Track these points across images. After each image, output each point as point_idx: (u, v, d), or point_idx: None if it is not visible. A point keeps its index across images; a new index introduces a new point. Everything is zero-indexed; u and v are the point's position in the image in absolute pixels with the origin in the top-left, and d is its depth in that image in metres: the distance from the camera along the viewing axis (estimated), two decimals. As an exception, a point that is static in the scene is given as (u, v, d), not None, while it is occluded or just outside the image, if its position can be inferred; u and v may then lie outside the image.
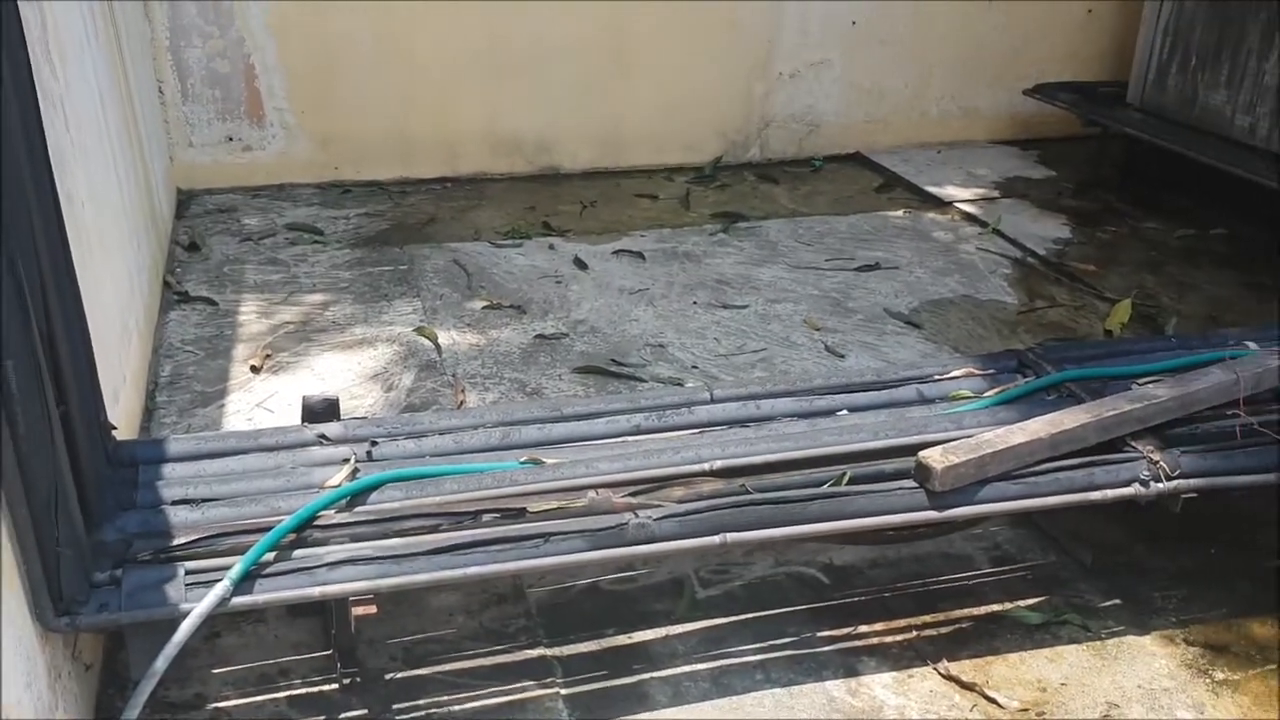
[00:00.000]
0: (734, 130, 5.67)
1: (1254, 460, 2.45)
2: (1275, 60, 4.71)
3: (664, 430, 2.53)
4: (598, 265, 4.37)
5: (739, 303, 4.07)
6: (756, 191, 5.35)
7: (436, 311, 3.93)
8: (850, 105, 5.78)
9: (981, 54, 5.84)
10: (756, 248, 4.61)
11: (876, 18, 5.61)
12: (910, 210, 5.08)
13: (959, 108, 5.96)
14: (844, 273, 4.37)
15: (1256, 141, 4.81)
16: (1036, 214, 5.02)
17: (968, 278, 4.34)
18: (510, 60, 5.17)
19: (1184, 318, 3.98)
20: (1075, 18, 5.91)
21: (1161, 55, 5.29)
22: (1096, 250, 4.64)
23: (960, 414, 2.57)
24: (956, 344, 3.78)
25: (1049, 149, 5.91)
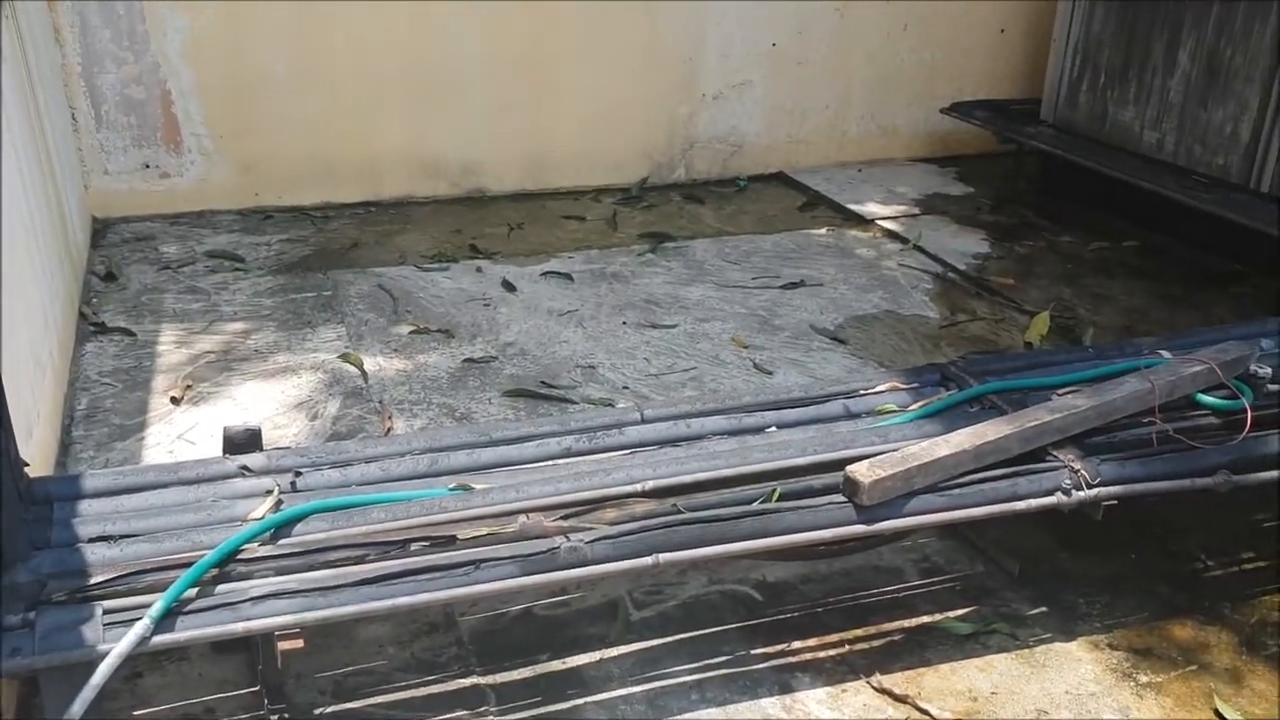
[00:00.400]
0: (659, 151, 5.70)
1: (1170, 467, 2.51)
2: (1179, 78, 4.87)
3: (595, 452, 2.52)
4: (526, 287, 4.36)
5: (668, 322, 4.09)
6: (683, 211, 5.38)
7: (362, 337, 3.88)
8: (773, 125, 5.86)
9: (899, 74, 5.96)
10: (684, 267, 4.64)
11: (796, 40, 5.70)
12: (833, 228, 5.15)
13: (878, 127, 6.06)
14: (770, 291, 4.41)
15: (1164, 156, 4.97)
16: (956, 230, 5.12)
17: (891, 293, 4.41)
18: (434, 83, 5.15)
19: (1100, 328, 4.08)
20: (989, 38, 6.06)
21: (1072, 74, 5.45)
22: (1015, 264, 4.75)
23: (886, 428, 2.60)
24: (881, 359, 3.83)
25: (967, 166, 6.04)
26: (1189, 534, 2.89)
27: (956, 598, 2.64)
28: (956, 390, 2.79)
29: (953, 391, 2.78)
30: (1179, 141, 4.91)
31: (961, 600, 2.63)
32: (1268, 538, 2.90)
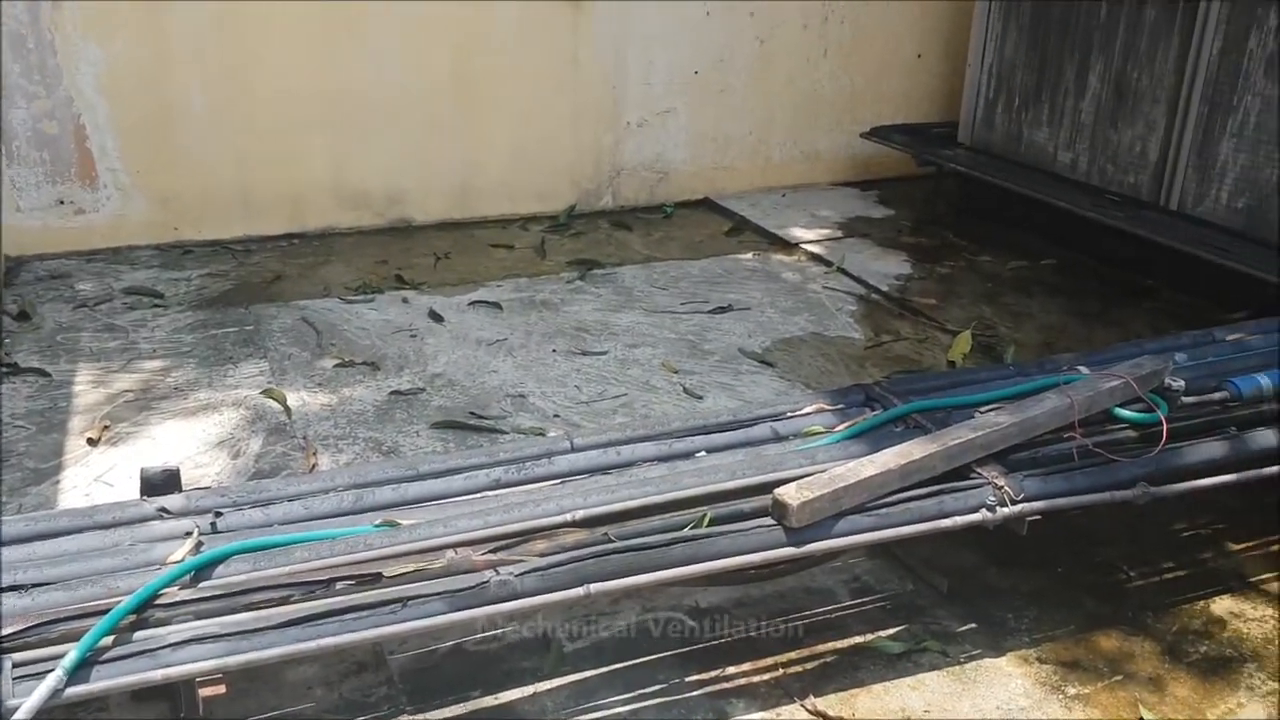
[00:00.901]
0: (586, 179, 5.71)
1: (1090, 480, 2.56)
2: (1089, 100, 5.02)
3: (524, 483, 2.50)
4: (454, 317, 4.33)
5: (598, 349, 4.08)
6: (611, 238, 5.39)
7: (285, 372, 3.82)
8: (698, 152, 5.91)
9: (819, 100, 6.06)
10: (613, 294, 4.64)
11: (718, 67, 5.76)
12: (759, 252, 5.20)
13: (801, 152, 6.15)
14: (699, 315, 4.43)
15: (1078, 175, 5.11)
16: (878, 252, 5.20)
17: (816, 316, 4.46)
18: (357, 112, 5.11)
19: (1021, 346, 4.16)
20: (906, 63, 6.19)
21: (988, 96, 5.58)
22: (936, 284, 4.83)
23: (814, 449, 2.62)
24: (809, 380, 3.86)
25: (888, 189, 6.15)
26: (1112, 545, 2.95)
27: (887, 617, 2.66)
28: (881, 410, 2.82)
29: (878, 412, 2.81)
30: (1091, 161, 5.05)
31: (892, 619, 2.64)
32: (1187, 547, 2.97)
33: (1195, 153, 4.55)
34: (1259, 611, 2.71)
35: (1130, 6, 4.76)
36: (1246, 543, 2.97)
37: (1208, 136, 4.49)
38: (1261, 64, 4.25)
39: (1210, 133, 4.47)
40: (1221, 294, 4.31)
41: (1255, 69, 4.28)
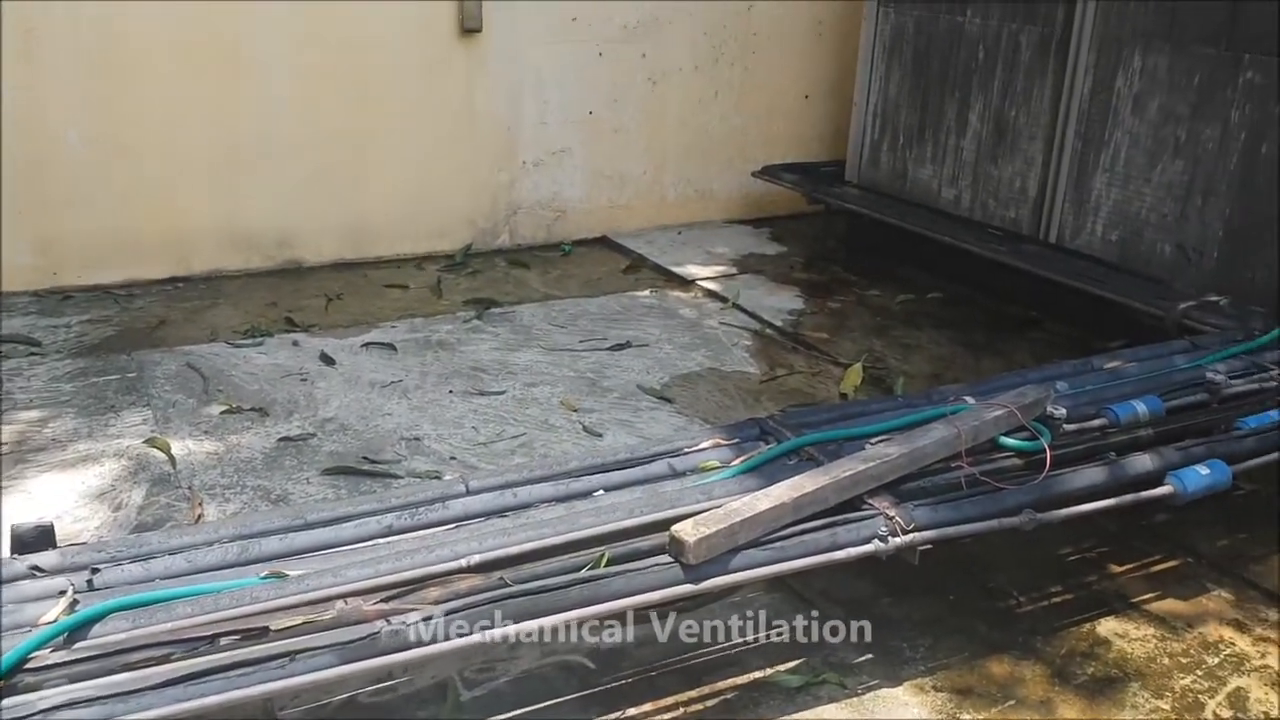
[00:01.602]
0: (483, 217, 5.69)
1: (979, 508, 2.62)
2: (970, 138, 5.20)
3: (418, 529, 2.45)
4: (346, 360, 4.25)
5: (496, 389, 4.05)
6: (509, 277, 5.38)
7: (169, 420, 3.70)
8: (594, 191, 5.94)
9: (711, 140, 6.15)
10: (511, 333, 4.62)
11: (612, 108, 5.81)
12: (656, 289, 5.24)
13: (695, 191, 6.23)
14: (598, 353, 4.43)
15: (961, 211, 5.27)
16: (772, 287, 5.29)
17: (713, 351, 4.50)
18: (243, 152, 5.01)
19: (910, 377, 4.26)
20: (794, 104, 6.33)
21: (873, 135, 5.74)
22: (828, 319, 4.92)
23: (710, 484, 2.63)
24: (706, 415, 3.89)
25: (780, 226, 6.26)
26: (1002, 571, 3.01)
27: (786, 651, 2.67)
28: (776, 444, 2.84)
29: (772, 445, 2.83)
30: (974, 197, 5.22)
31: (791, 653, 2.66)
32: (1072, 571, 3.06)
33: (1071, 188, 4.74)
34: (1141, 631, 2.80)
35: (1006, 48, 4.95)
36: (1128, 564, 3.07)
37: (1082, 172, 4.68)
38: (1129, 103, 4.45)
39: (1084, 168, 4.67)
40: (1100, 323, 4.47)
41: (1124, 107, 4.48)
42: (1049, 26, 4.74)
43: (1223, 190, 4.16)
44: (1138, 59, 4.40)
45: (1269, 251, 4.03)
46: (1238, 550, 3.15)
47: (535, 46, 5.52)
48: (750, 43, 6.07)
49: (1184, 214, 4.30)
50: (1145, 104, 4.39)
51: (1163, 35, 4.30)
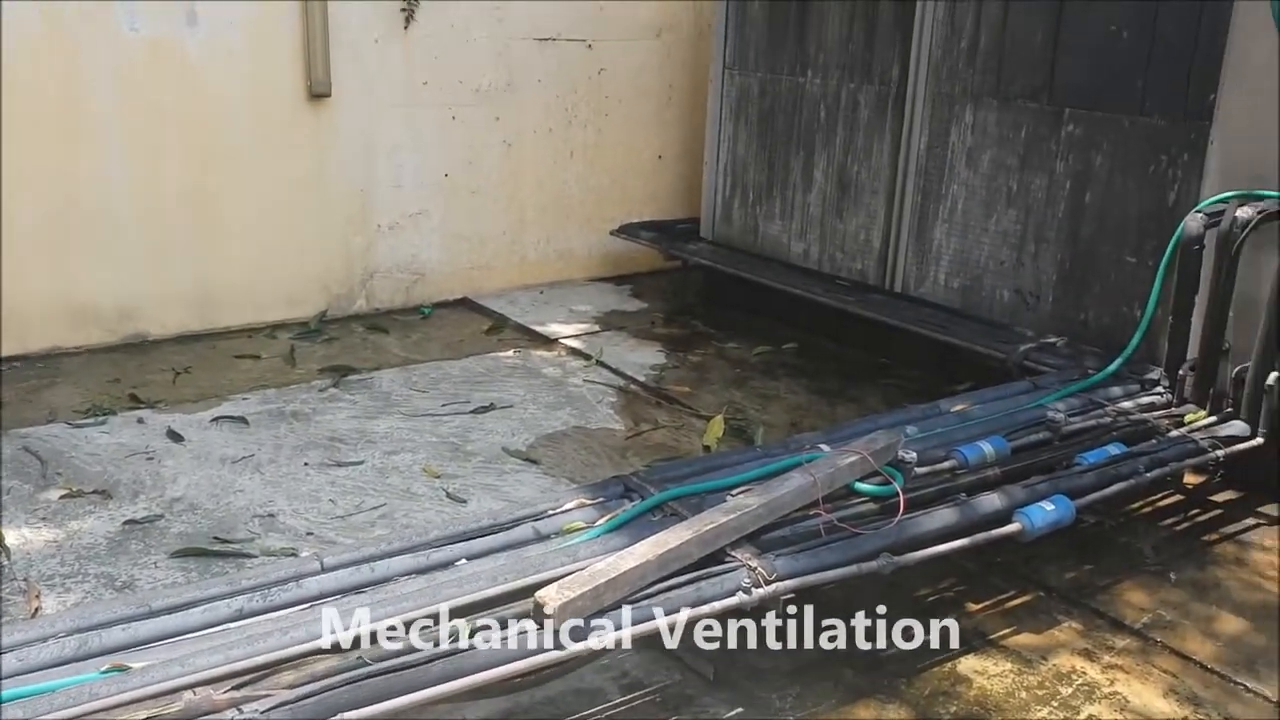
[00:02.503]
0: (337, 283, 5.59)
1: (838, 555, 2.67)
2: (816, 193, 5.37)
3: (271, 610, 2.36)
4: (195, 436, 4.09)
5: (354, 459, 3.95)
6: (366, 342, 5.28)
7: (4, 508, 3.48)
8: (453, 253, 5.91)
9: (569, 200, 6.21)
10: (370, 400, 4.52)
11: (468, 169, 5.82)
12: (520, 350, 5.22)
13: (555, 250, 6.26)
14: (460, 416, 4.38)
15: (811, 264, 5.43)
16: (635, 344, 5.33)
17: (578, 409, 4.50)
18: (81, 223, 4.81)
19: (769, 427, 4.34)
20: (649, 163, 6.45)
21: (725, 193, 5.88)
22: (689, 372, 4.98)
23: (575, 546, 2.61)
24: (573, 475, 3.87)
25: (640, 283, 6.34)
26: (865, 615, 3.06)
27: (658, 709, 2.65)
28: (640, 500, 2.85)
29: (636, 502, 2.84)
30: (823, 250, 5.39)
31: (663, 711, 2.64)
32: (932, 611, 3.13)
33: (913, 239, 4.93)
34: (999, 666, 2.88)
35: (846, 107, 5.16)
36: (984, 602, 3.16)
37: (923, 223, 4.88)
38: (963, 156, 4.68)
39: (925, 220, 4.87)
40: (947, 368, 4.65)
41: (958, 161, 4.71)
42: (885, 85, 4.96)
43: (1053, 237, 4.39)
44: (969, 115, 4.64)
45: (1098, 294, 4.26)
46: (1085, 581, 3.28)
47: (387, 110, 5.49)
48: (603, 105, 6.17)
49: (1020, 261, 4.52)
50: (978, 157, 4.62)
51: (990, 92, 4.55)
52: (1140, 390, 3.77)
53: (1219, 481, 3.85)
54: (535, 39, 5.85)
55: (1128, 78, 4.08)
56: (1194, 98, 3.90)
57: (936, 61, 4.72)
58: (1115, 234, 4.18)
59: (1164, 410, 3.68)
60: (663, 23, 6.27)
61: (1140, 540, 3.51)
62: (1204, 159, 3.87)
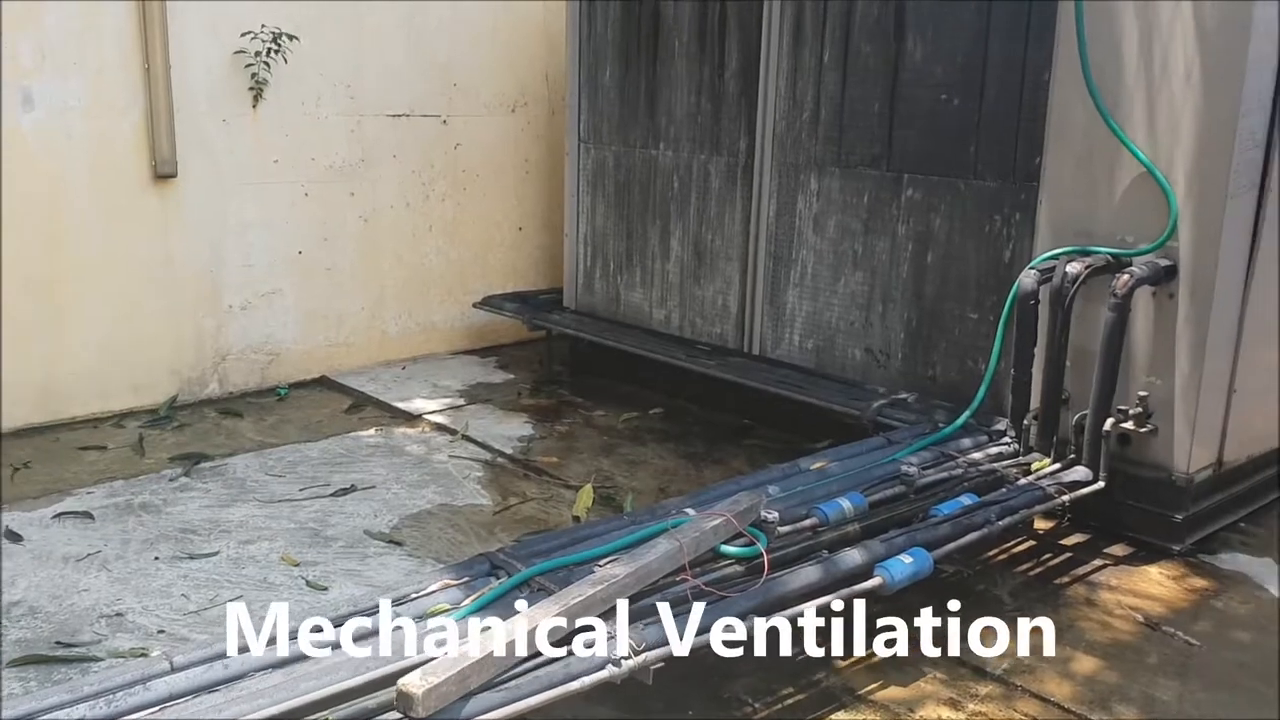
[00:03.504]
0: (188, 367, 5.40)
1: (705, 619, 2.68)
2: (674, 261, 5.47)
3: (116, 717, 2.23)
4: (35, 534, 3.87)
5: (207, 550, 3.80)
6: (220, 428, 5.11)
7: None
8: (310, 331, 5.79)
9: (429, 273, 6.17)
10: (224, 487, 4.36)
11: (323, 246, 5.73)
12: (382, 428, 5.12)
13: (417, 324, 6.20)
14: (320, 500, 4.26)
15: (672, 330, 5.51)
16: (501, 416, 5.29)
17: (444, 486, 4.43)
18: (-96, 317, 4.55)
19: (638, 493, 4.35)
20: (509, 235, 6.48)
21: (586, 263, 5.94)
22: (557, 442, 4.97)
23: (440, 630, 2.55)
24: (439, 555, 3.80)
25: (505, 354, 6.32)
26: (737, 679, 3.07)
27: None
28: (507, 578, 2.81)
29: (503, 579, 2.80)
30: (683, 316, 5.48)
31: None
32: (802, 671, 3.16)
33: (768, 302, 5.06)
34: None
35: (699, 178, 5.29)
36: (851, 658, 3.20)
37: (776, 288, 5.02)
38: (810, 223, 4.84)
39: (778, 284, 5.01)
40: (806, 427, 4.75)
41: (806, 227, 4.87)
42: (734, 156, 5.11)
43: (899, 297, 4.57)
44: (814, 183, 4.81)
45: (944, 350, 4.44)
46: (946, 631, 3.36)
47: (237, 189, 5.38)
48: (460, 180, 6.18)
49: (869, 320, 4.68)
50: (824, 223, 4.79)
51: (833, 161, 4.73)
52: (988, 441, 3.93)
53: (1067, 525, 4.02)
54: (388, 115, 5.84)
55: (960, 143, 4.30)
56: (1022, 160, 4.14)
57: (781, 133, 4.89)
58: (957, 292, 4.38)
59: (1012, 459, 3.84)
60: (517, 98, 6.35)
61: (997, 587, 3.63)
62: (1034, 218, 4.09)
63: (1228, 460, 4.03)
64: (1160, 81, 3.71)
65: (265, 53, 5.26)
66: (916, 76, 4.40)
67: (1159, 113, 3.72)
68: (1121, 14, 3.76)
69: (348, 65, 5.64)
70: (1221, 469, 4.02)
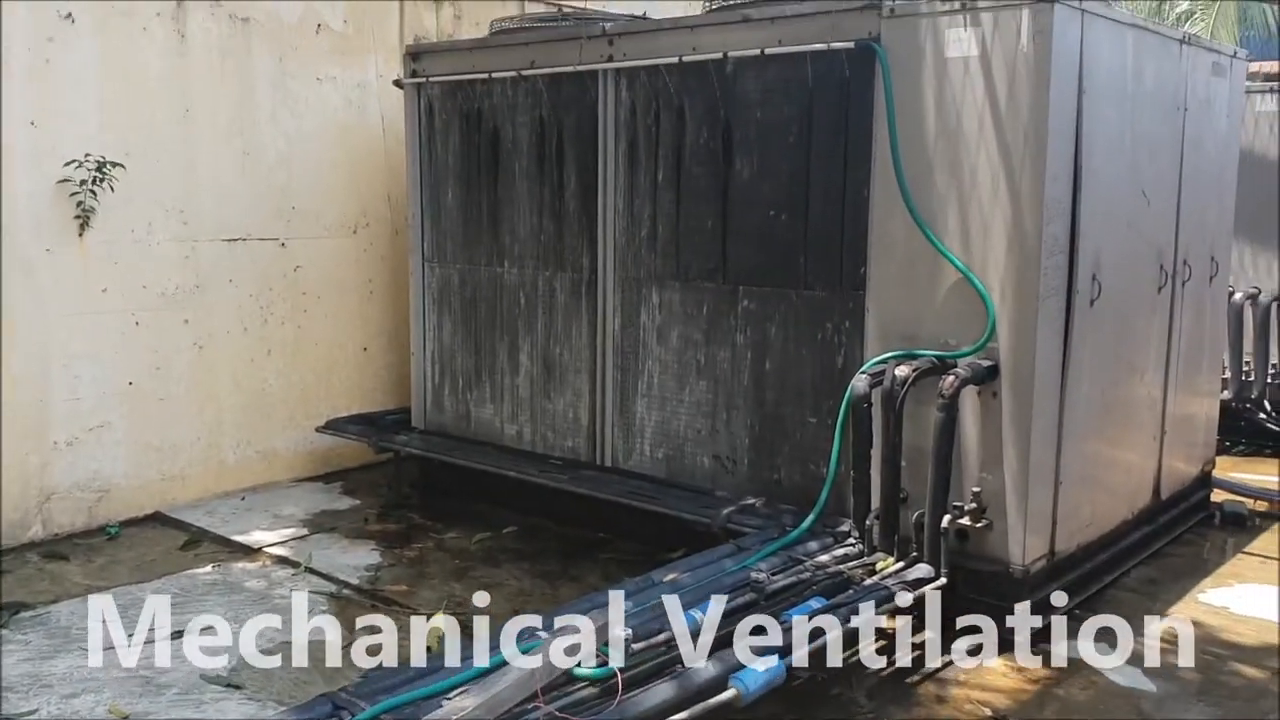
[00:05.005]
0: (11, 508, 5.09)
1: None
2: (524, 376, 5.47)
3: None
4: None
5: (25, 709, 3.53)
6: (43, 572, 4.80)
7: None
8: (142, 465, 5.53)
9: (270, 398, 6.00)
10: (46, 638, 4.08)
11: (155, 376, 5.52)
12: (219, 564, 4.90)
13: (257, 452, 5.99)
14: (152, 645, 4.01)
15: (524, 445, 5.48)
16: (347, 544, 5.13)
17: (286, 623, 4.23)
18: None
19: (493, 617, 4.21)
20: (354, 356, 6.37)
21: (434, 381, 5.89)
22: (407, 569, 4.84)
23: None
24: (281, 697, 3.62)
25: (351, 479, 6.16)
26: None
27: None
28: (350, 717, 2.70)
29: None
30: (534, 430, 5.46)
31: None
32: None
33: (618, 414, 5.10)
34: (731, 837, 2.88)
35: (545, 293, 5.34)
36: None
37: (625, 399, 5.07)
38: (654, 334, 4.94)
39: (626, 395, 5.06)
40: (660, 537, 4.76)
41: (650, 339, 4.96)
42: (578, 273, 5.19)
43: (742, 404, 4.67)
44: (655, 296, 4.92)
45: (787, 454, 4.54)
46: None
47: (63, 320, 5.16)
48: (301, 302, 6.08)
49: (715, 428, 4.76)
50: (668, 334, 4.89)
51: (672, 275, 4.86)
52: (834, 543, 4.02)
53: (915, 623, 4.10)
54: (224, 240, 5.73)
55: (790, 256, 4.48)
56: (848, 271, 4.33)
57: (622, 249, 5.00)
58: (796, 397, 4.51)
59: (857, 560, 3.93)
60: (359, 219, 6.32)
61: (852, 689, 3.66)
62: (863, 324, 4.27)
63: (1060, 550, 4.22)
64: (970, 195, 3.96)
65: (91, 181, 5.11)
66: (746, 195, 4.59)
67: (971, 223, 3.97)
68: (931, 136, 4.02)
69: (181, 191, 5.53)
70: (1055, 558, 4.19)
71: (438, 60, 5.69)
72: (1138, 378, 4.73)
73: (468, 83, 5.50)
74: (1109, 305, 4.30)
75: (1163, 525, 5.02)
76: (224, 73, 5.66)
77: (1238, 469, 6.39)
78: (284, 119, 5.91)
